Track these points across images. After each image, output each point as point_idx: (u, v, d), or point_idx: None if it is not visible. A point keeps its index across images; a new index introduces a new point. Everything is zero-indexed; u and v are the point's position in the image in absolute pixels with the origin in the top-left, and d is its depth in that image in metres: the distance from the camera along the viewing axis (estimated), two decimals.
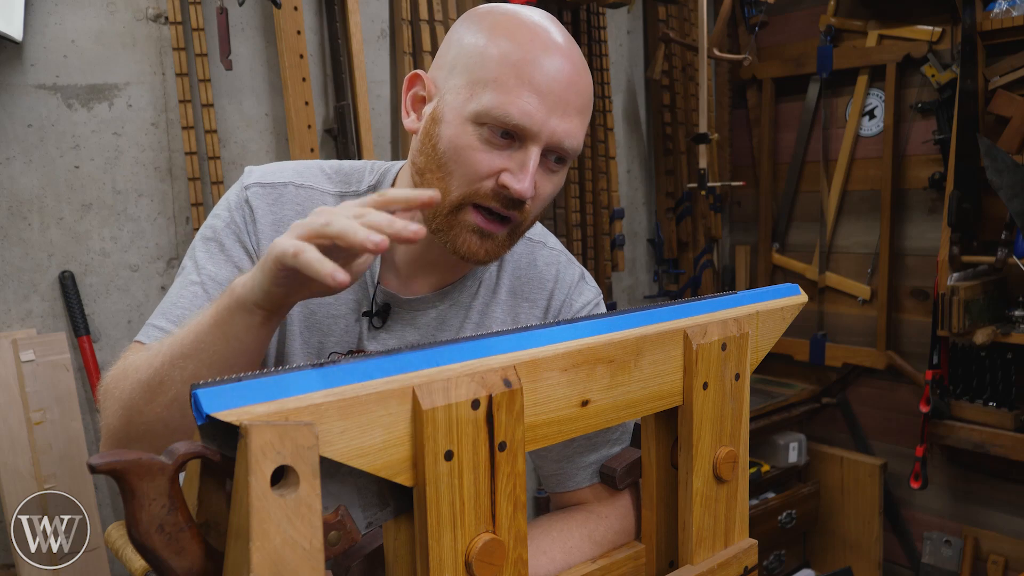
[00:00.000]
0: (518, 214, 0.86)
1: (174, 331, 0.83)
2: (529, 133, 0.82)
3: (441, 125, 0.86)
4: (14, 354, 1.64)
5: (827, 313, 2.89)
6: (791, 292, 0.92)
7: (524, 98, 0.81)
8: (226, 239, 0.92)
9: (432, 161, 0.86)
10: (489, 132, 0.83)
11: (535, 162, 0.83)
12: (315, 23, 2.04)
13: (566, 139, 0.84)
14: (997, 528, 2.53)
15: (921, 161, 2.61)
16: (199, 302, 0.88)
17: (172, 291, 0.91)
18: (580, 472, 0.97)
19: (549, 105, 0.82)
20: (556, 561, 0.88)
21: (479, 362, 0.63)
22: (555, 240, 1.07)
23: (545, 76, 0.82)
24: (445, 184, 0.85)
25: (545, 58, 0.83)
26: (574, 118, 0.85)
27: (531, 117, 0.82)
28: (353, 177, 0.98)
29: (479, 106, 0.82)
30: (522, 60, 0.82)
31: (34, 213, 1.70)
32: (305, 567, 0.51)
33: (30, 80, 1.68)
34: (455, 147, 0.84)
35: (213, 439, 0.52)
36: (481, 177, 0.84)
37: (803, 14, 2.86)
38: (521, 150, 0.83)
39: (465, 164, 0.84)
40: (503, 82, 0.82)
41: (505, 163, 0.84)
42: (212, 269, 0.90)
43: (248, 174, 0.96)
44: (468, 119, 0.83)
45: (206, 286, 0.89)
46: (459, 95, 0.84)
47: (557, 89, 0.83)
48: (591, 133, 2.54)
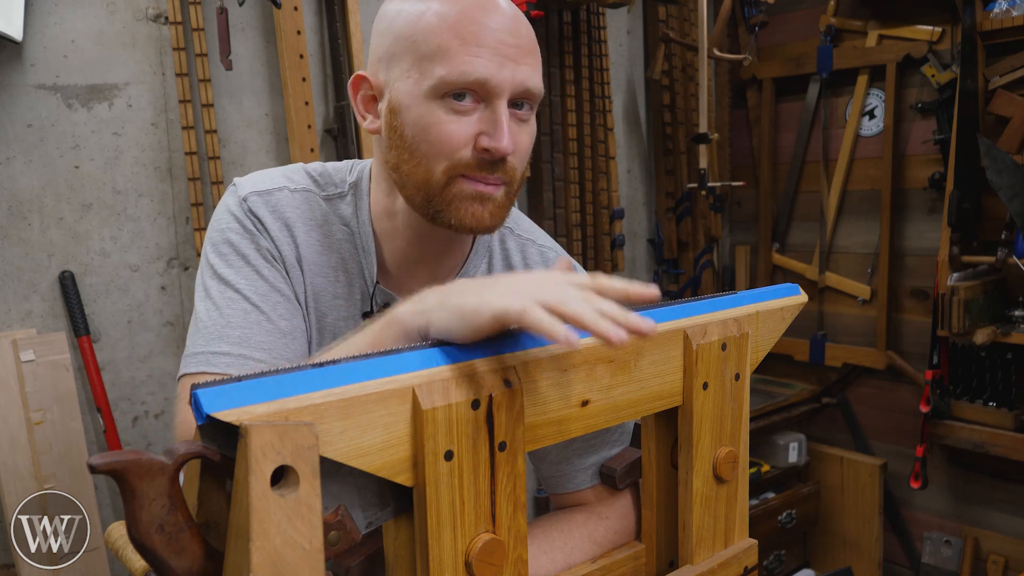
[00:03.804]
0: (504, 174, 0.85)
1: (245, 353, 0.82)
2: (490, 87, 0.82)
3: (402, 113, 0.85)
4: (14, 354, 1.64)
5: (827, 313, 2.89)
6: (791, 292, 0.92)
7: (474, 55, 0.80)
8: (247, 250, 0.90)
9: (404, 151, 0.85)
10: (452, 101, 0.82)
11: (506, 116, 0.82)
12: (315, 23, 2.04)
13: (527, 81, 0.84)
14: (997, 528, 2.53)
15: (921, 161, 2.61)
16: (253, 318, 0.85)
17: (208, 315, 0.86)
18: (580, 473, 0.97)
19: (501, 55, 0.81)
20: (556, 561, 0.87)
21: (479, 362, 0.63)
22: (545, 236, 1.07)
23: (486, 28, 0.81)
24: (425, 167, 0.84)
25: (479, 12, 0.82)
26: (528, 59, 0.84)
27: (487, 70, 0.81)
28: (336, 178, 0.98)
29: (433, 80, 0.81)
30: (458, 20, 0.81)
31: (34, 213, 1.70)
32: (305, 567, 0.51)
33: (30, 80, 1.68)
34: (423, 127, 0.83)
35: (213, 439, 0.52)
36: (458, 147, 0.83)
37: (803, 14, 2.86)
38: (488, 109, 0.83)
39: (438, 140, 0.83)
40: (448, 47, 0.81)
41: (477, 126, 0.83)
42: (247, 283, 0.88)
43: (240, 186, 0.94)
44: (427, 96, 0.82)
45: (252, 300, 0.86)
46: (409, 78, 0.84)
47: (502, 37, 0.82)
48: (591, 133, 2.54)
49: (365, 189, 0.97)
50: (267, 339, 0.86)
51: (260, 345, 0.85)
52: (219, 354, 0.84)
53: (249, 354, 0.84)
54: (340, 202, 0.97)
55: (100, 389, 1.75)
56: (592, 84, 2.54)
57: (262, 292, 0.88)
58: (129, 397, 1.84)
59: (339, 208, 0.97)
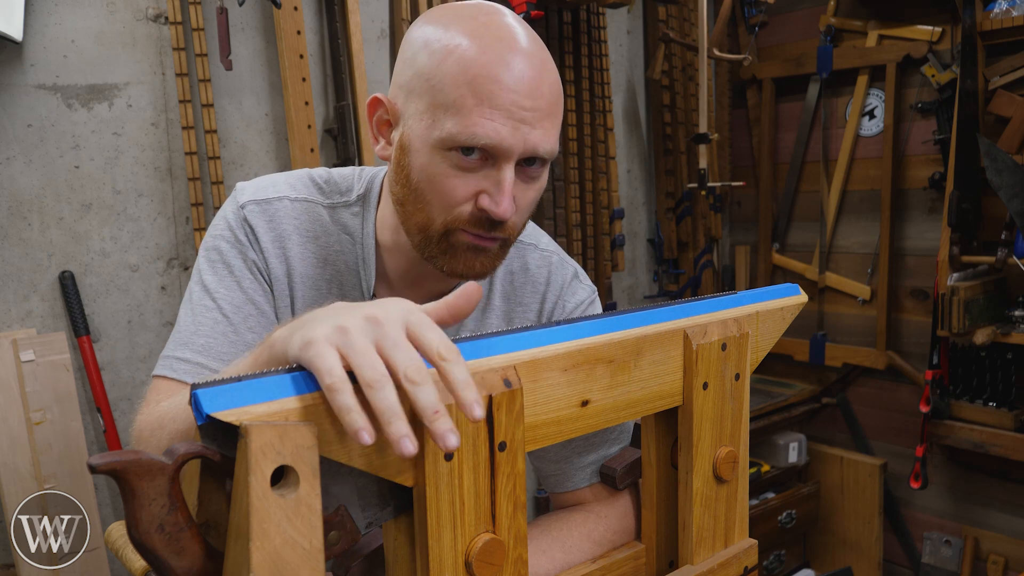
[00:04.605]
0: (501, 233, 0.85)
1: (203, 363, 0.82)
2: (499, 151, 0.80)
3: (410, 155, 0.84)
4: (14, 354, 1.64)
5: (827, 313, 2.89)
6: (791, 292, 0.92)
7: (487, 117, 0.78)
8: (233, 260, 0.91)
9: (408, 192, 0.85)
10: (458, 157, 0.80)
11: (510, 180, 0.81)
12: (315, 23, 2.04)
13: (539, 146, 0.81)
14: (997, 528, 2.53)
15: (921, 161, 2.61)
16: (221, 328, 0.87)
17: (184, 319, 0.89)
18: (579, 472, 0.97)
19: (515, 119, 0.79)
20: (556, 561, 0.87)
21: (479, 362, 0.63)
22: (548, 240, 1.07)
23: (505, 89, 0.78)
24: (425, 213, 0.84)
25: (502, 69, 0.78)
26: (544, 122, 0.81)
27: (498, 135, 0.78)
28: (343, 186, 0.98)
29: (443, 133, 0.79)
30: (478, 77, 0.78)
31: (34, 213, 1.70)
32: (305, 567, 0.51)
33: (30, 80, 1.68)
34: (428, 176, 0.82)
35: (213, 439, 0.52)
36: (458, 203, 0.82)
37: (803, 14, 2.86)
38: (495, 168, 0.81)
39: (440, 192, 0.82)
40: (462, 104, 0.78)
41: (480, 184, 0.81)
42: (225, 292, 0.89)
43: (241, 192, 0.94)
44: (435, 146, 0.81)
45: (224, 311, 0.88)
46: (422, 121, 0.82)
47: (520, 100, 0.79)
48: (591, 133, 2.54)
49: (374, 201, 0.96)
50: (229, 350, 0.87)
51: (221, 356, 0.86)
52: (181, 360, 0.85)
53: (207, 363, 0.85)
54: (345, 211, 0.96)
55: (100, 389, 1.75)
56: (592, 84, 2.54)
57: (237, 303, 0.88)
58: (129, 397, 1.84)
59: (343, 217, 0.96)
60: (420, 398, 0.52)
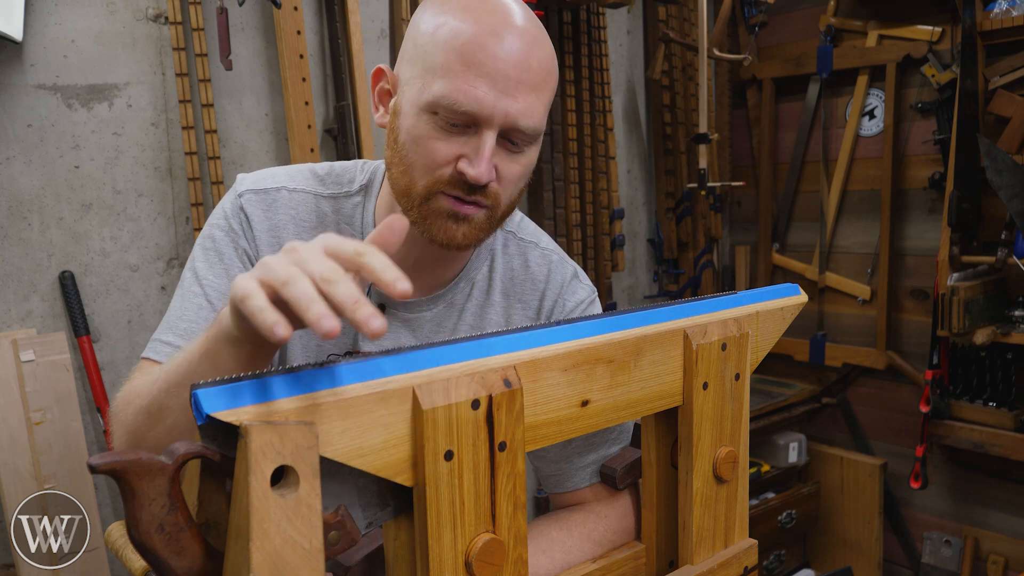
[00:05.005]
0: (484, 199, 0.86)
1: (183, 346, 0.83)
2: (480, 118, 0.82)
3: (400, 118, 0.87)
4: (14, 354, 1.64)
5: (827, 313, 2.89)
6: (791, 292, 0.92)
7: (472, 84, 0.81)
8: (225, 248, 0.92)
9: (395, 154, 0.87)
10: (443, 120, 0.83)
11: (490, 147, 0.83)
12: (315, 23, 2.04)
13: (521, 119, 0.83)
14: (997, 528, 2.53)
15: (921, 161, 2.61)
16: (204, 314, 0.88)
17: (175, 304, 0.91)
18: (579, 472, 0.97)
19: (499, 88, 0.81)
20: (556, 561, 0.88)
21: (479, 362, 0.63)
22: (548, 240, 1.07)
23: (493, 58, 0.81)
24: (409, 176, 0.86)
25: (492, 39, 0.81)
26: (528, 96, 0.83)
27: (480, 103, 0.81)
28: (345, 177, 0.99)
29: (430, 95, 0.82)
30: (468, 44, 0.81)
31: (34, 213, 1.70)
32: (305, 567, 0.51)
33: (30, 80, 1.68)
34: (413, 138, 0.85)
35: (213, 439, 0.52)
36: (439, 165, 0.84)
37: (803, 14, 2.86)
38: (476, 135, 0.83)
39: (423, 154, 0.84)
40: (450, 68, 0.81)
41: (461, 149, 0.83)
42: (213, 279, 0.91)
43: (240, 181, 0.97)
44: (422, 109, 0.83)
45: (210, 297, 0.89)
46: (414, 86, 0.85)
47: (506, 70, 0.81)
48: (591, 133, 2.54)
49: (376, 190, 0.98)
50: None
51: None
52: (164, 343, 0.88)
53: None
54: (346, 201, 0.98)
55: (100, 389, 1.75)
56: (592, 84, 2.54)
57: (222, 290, 0.90)
58: None
59: (344, 207, 0.98)
60: (337, 293, 0.52)
